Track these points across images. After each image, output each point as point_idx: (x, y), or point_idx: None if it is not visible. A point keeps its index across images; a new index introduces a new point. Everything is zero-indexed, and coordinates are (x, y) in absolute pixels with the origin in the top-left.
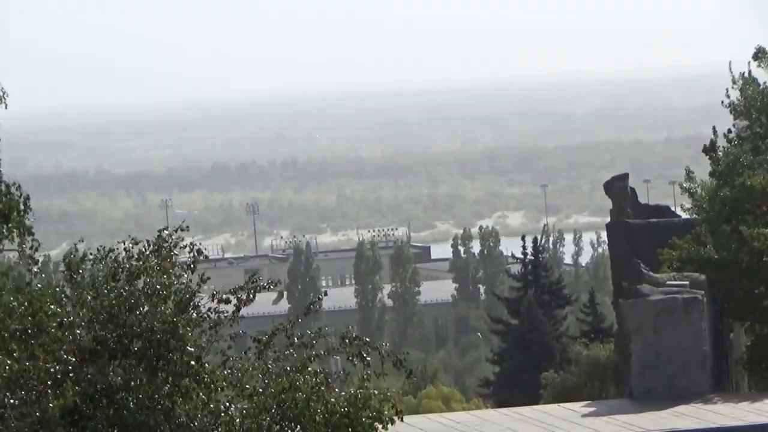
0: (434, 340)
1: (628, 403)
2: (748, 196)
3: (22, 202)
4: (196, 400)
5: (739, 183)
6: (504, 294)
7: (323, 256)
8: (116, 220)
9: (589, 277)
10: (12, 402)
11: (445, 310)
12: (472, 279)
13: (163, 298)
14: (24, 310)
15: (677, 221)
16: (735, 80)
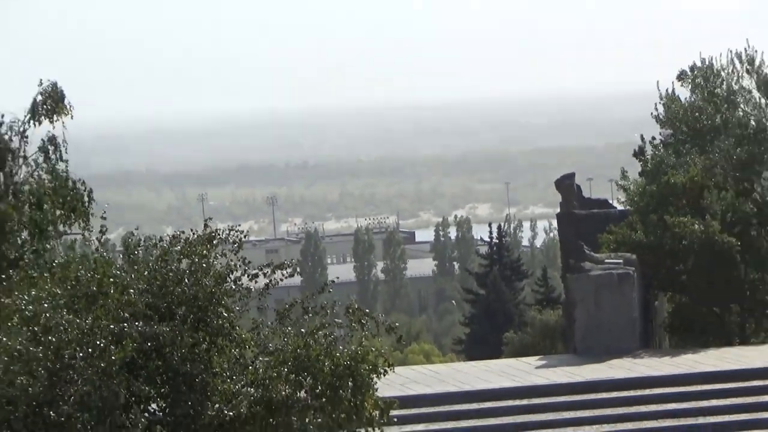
0: (417, 307)
1: (572, 357)
2: (671, 191)
3: (86, 194)
4: (229, 355)
5: (664, 181)
6: (474, 270)
7: (329, 239)
8: (161, 211)
9: (543, 256)
10: (81, 355)
11: (427, 283)
12: (449, 258)
13: (204, 274)
14: (90, 277)
15: (614, 212)
16: (661, 97)
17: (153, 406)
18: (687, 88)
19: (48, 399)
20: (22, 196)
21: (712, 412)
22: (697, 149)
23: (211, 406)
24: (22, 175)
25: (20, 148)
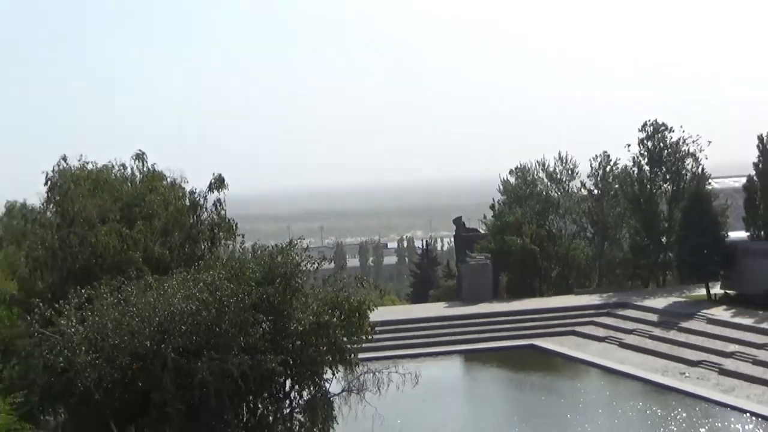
0: (389, 278)
1: (461, 303)
2: (506, 225)
3: (234, 224)
4: (300, 301)
5: (504, 220)
6: (415, 261)
7: None
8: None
9: (448, 255)
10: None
11: (394, 269)
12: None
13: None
14: (234, 265)
15: (481, 233)
16: (502, 181)
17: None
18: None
19: None
20: (203, 226)
21: (529, 328)
22: (517, 206)
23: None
24: (204, 215)
25: (203, 204)
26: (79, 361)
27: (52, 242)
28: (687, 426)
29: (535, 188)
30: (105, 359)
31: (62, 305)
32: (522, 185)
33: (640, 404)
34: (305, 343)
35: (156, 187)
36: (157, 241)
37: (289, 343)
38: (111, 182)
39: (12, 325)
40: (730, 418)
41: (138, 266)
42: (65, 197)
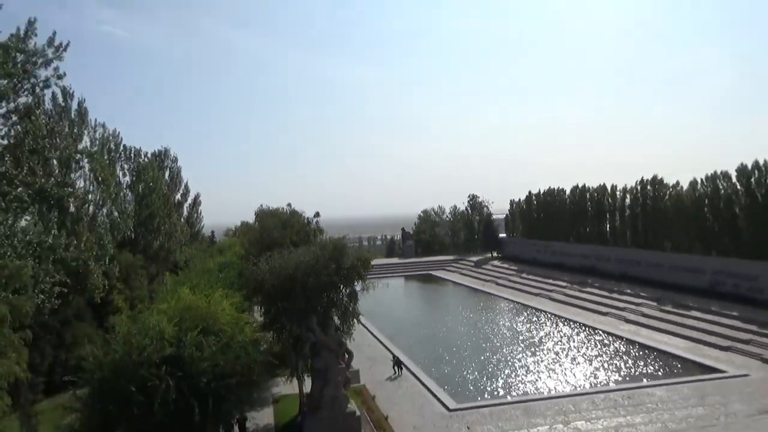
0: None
1: (404, 258)
2: (421, 231)
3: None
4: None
5: (419, 229)
6: (387, 243)
7: None
8: None
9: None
10: None
11: (380, 247)
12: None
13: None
14: None
15: (410, 233)
16: (420, 217)
17: None
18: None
19: None
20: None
21: (428, 268)
22: (424, 224)
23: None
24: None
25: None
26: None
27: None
28: (485, 300)
29: (430, 217)
30: None
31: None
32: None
33: (467, 293)
34: (348, 271)
35: (294, 214)
36: (294, 236)
37: (344, 271)
38: (279, 214)
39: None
40: (500, 302)
41: (287, 244)
42: (262, 219)
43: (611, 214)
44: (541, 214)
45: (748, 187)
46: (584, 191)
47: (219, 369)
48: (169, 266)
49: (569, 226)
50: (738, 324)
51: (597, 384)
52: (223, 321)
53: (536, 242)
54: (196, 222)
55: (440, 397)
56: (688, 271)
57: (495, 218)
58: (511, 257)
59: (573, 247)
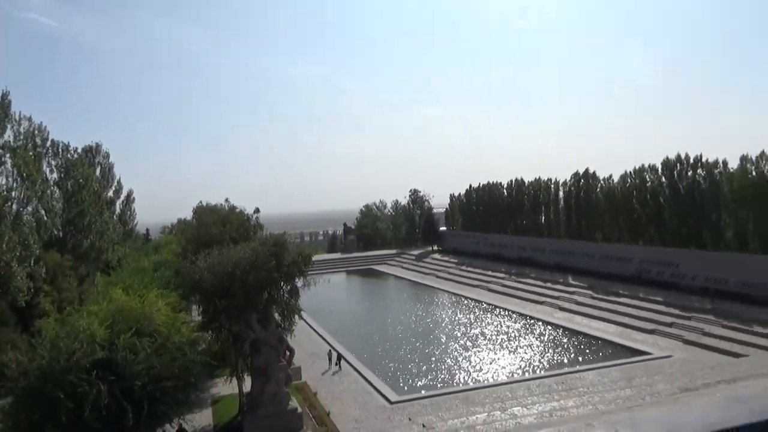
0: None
1: (347, 252)
2: (363, 225)
3: None
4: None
5: (362, 224)
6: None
7: None
8: None
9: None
10: None
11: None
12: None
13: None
14: None
15: (352, 228)
16: (362, 212)
17: None
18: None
19: None
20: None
21: (369, 262)
22: (365, 218)
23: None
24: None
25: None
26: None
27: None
28: (426, 293)
29: (372, 212)
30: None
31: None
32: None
33: (409, 287)
34: (289, 267)
35: (233, 210)
36: (234, 232)
37: (284, 267)
38: (217, 210)
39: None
40: (441, 294)
41: (226, 241)
42: (200, 215)
43: (547, 207)
44: (480, 208)
45: (671, 180)
46: (521, 185)
47: (154, 371)
48: (101, 266)
49: (507, 218)
50: (662, 308)
51: (533, 371)
52: (158, 322)
53: (475, 235)
54: (130, 219)
55: (382, 390)
56: (617, 260)
57: (436, 212)
58: (452, 250)
59: (510, 239)
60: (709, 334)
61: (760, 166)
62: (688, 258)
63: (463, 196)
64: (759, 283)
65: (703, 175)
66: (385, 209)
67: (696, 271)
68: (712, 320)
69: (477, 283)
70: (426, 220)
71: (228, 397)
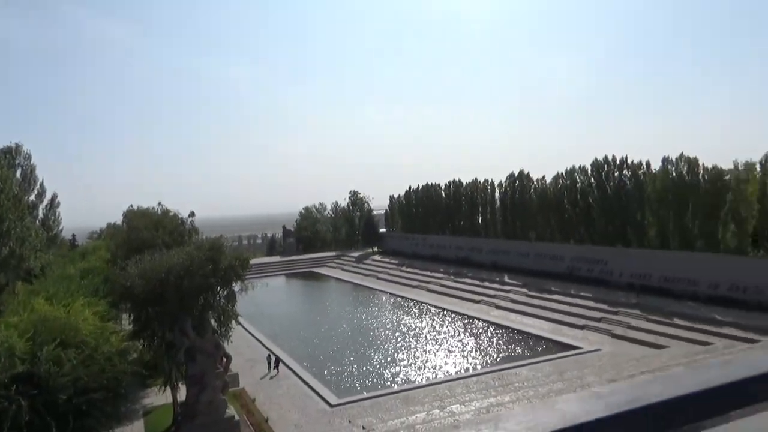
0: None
1: (286, 255)
2: (302, 228)
3: None
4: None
5: (302, 227)
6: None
7: None
8: None
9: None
10: None
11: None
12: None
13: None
14: None
15: (292, 231)
16: (301, 214)
17: None
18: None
19: None
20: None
21: (310, 265)
22: (306, 221)
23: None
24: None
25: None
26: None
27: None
28: (366, 295)
29: (311, 214)
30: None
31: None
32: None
33: (349, 289)
34: (226, 271)
35: (167, 213)
36: (167, 236)
37: (221, 272)
38: (149, 214)
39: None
40: (381, 295)
41: (159, 245)
42: (131, 219)
43: (483, 208)
44: (419, 209)
45: (599, 181)
46: (458, 187)
47: (81, 383)
48: (22, 275)
49: (445, 219)
50: (591, 304)
51: (470, 368)
52: (85, 332)
53: (415, 236)
54: (54, 225)
55: (322, 394)
56: (550, 258)
57: (375, 214)
58: (391, 251)
59: (449, 240)
60: (635, 327)
61: (679, 167)
62: (615, 255)
63: (403, 197)
64: (679, 278)
65: (629, 176)
66: (324, 211)
67: (622, 268)
68: (637, 314)
69: (416, 283)
70: (366, 221)
71: (161, 408)
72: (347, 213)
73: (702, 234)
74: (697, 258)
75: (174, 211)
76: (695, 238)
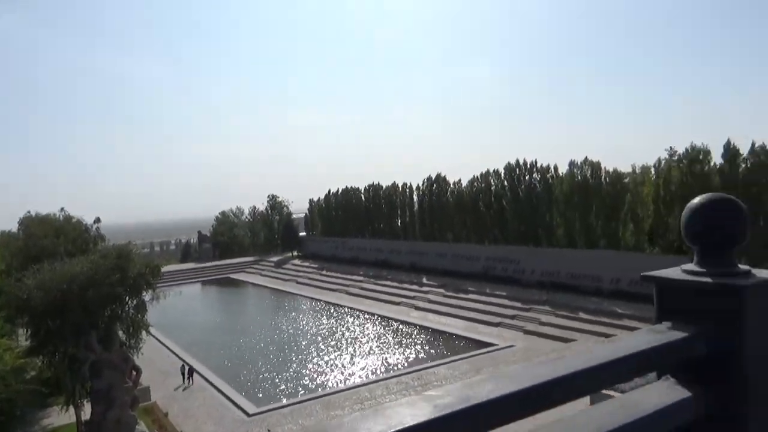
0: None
1: (200, 262)
2: (218, 233)
3: None
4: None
5: (213, 232)
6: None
7: None
8: None
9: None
10: None
11: (174, 251)
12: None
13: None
14: None
15: (208, 236)
16: (217, 219)
17: None
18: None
19: None
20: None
21: (227, 270)
22: (222, 226)
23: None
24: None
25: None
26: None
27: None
28: (286, 300)
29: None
30: None
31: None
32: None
33: (268, 294)
34: (135, 280)
35: (69, 220)
36: (70, 244)
37: (130, 280)
38: (50, 221)
39: None
40: (301, 300)
41: (60, 254)
42: (28, 227)
43: (402, 210)
44: (339, 212)
45: (512, 183)
46: (378, 189)
47: None
48: None
49: (365, 222)
50: (506, 302)
51: (390, 369)
52: None
53: (335, 239)
54: None
55: (239, 403)
56: (466, 259)
57: (295, 217)
58: (311, 255)
59: (368, 243)
60: (545, 323)
61: (583, 170)
62: (527, 255)
63: (323, 201)
64: (585, 275)
65: (538, 179)
66: (242, 216)
67: (534, 267)
68: (547, 311)
69: (336, 287)
70: (285, 225)
71: (64, 428)
72: (266, 217)
73: (604, 233)
74: (601, 256)
75: (77, 217)
76: (599, 237)
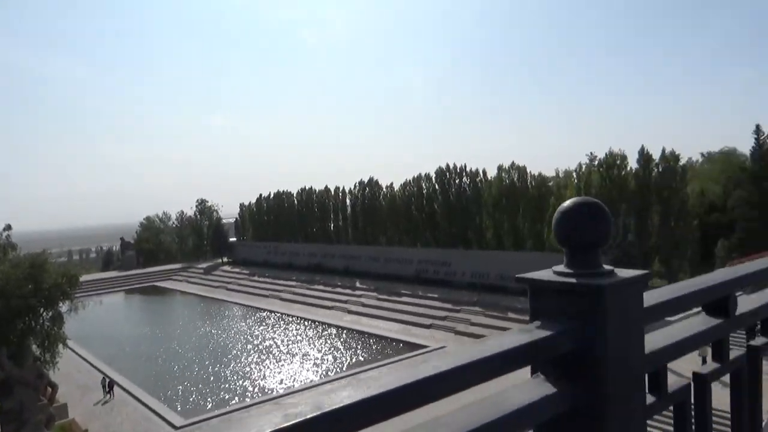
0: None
1: (124, 270)
2: (144, 240)
3: None
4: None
5: (141, 238)
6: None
7: None
8: None
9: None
10: None
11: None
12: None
13: None
14: None
15: (131, 243)
16: (142, 225)
17: None
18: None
19: None
20: None
21: (152, 279)
22: (149, 232)
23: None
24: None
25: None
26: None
27: None
28: (215, 307)
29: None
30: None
31: None
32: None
33: (196, 302)
34: (50, 291)
35: None
36: None
37: (44, 291)
38: None
39: None
40: (231, 307)
41: None
42: None
43: (335, 214)
44: (271, 217)
45: (443, 187)
46: (310, 193)
47: None
48: None
49: (298, 227)
50: (438, 304)
51: (324, 375)
52: None
53: (267, 244)
54: None
55: (165, 416)
56: (399, 262)
57: (225, 222)
58: (242, 261)
59: (301, 247)
60: (475, 323)
61: (511, 174)
62: (457, 257)
63: (254, 205)
64: (512, 276)
65: (468, 182)
66: (169, 221)
67: (464, 269)
68: (477, 311)
69: (268, 293)
70: (215, 230)
71: None
72: (195, 222)
73: (531, 235)
74: (527, 257)
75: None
76: (525, 238)
